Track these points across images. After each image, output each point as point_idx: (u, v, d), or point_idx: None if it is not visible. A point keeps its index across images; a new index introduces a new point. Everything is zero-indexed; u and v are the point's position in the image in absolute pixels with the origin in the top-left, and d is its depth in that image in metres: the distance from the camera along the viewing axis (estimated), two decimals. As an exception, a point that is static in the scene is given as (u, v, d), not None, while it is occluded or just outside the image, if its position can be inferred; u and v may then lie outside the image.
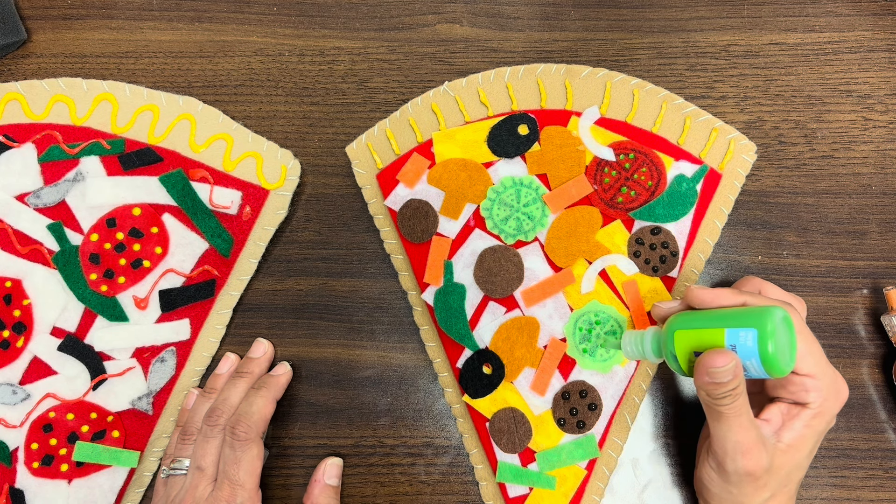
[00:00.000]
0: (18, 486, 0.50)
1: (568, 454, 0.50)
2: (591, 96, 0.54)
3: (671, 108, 0.54)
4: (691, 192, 0.52)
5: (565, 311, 0.52)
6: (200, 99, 0.55)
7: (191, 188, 0.53)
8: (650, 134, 0.54)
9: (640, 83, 0.54)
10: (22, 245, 0.52)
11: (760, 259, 0.55)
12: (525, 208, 0.52)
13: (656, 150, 0.53)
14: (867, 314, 0.54)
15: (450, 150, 0.53)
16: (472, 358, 0.51)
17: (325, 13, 0.58)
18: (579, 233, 0.52)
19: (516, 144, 0.53)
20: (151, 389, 0.52)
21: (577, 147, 0.53)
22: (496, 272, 0.51)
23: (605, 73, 0.54)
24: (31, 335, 0.51)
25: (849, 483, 0.52)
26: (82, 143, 0.53)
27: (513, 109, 0.54)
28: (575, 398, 0.50)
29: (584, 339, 0.51)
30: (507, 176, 0.53)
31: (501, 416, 0.50)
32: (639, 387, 0.52)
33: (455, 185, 0.53)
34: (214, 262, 0.53)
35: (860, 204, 0.55)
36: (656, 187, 0.52)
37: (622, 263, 0.52)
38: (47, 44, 0.57)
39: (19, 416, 0.51)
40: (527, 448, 0.50)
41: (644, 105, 0.54)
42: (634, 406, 0.52)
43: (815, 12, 0.58)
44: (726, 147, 0.54)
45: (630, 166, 0.53)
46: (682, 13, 0.58)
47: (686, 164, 0.53)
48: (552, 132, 0.53)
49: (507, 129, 0.53)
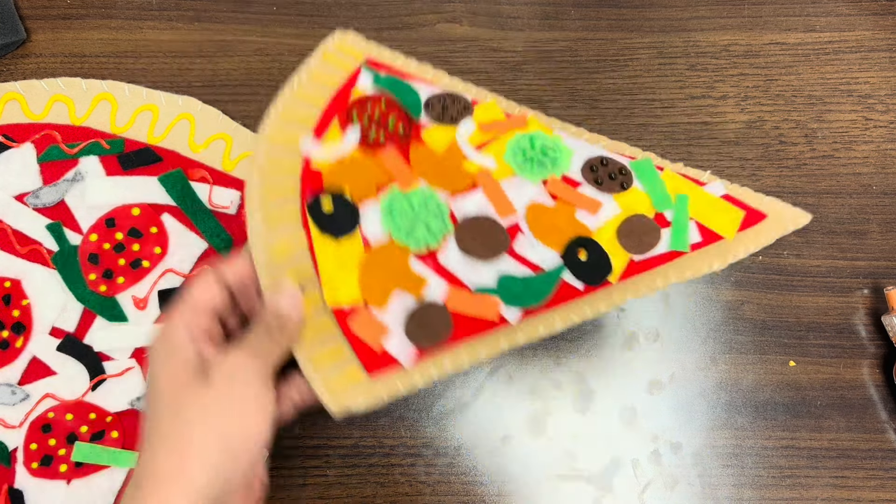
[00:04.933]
0: (17, 486, 0.50)
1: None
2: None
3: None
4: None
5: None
6: (200, 98, 0.55)
7: (190, 188, 0.53)
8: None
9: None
10: (21, 245, 0.52)
11: (761, 259, 0.55)
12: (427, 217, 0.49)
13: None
14: (868, 314, 0.54)
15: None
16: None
17: (325, 13, 0.58)
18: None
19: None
20: (151, 390, 0.52)
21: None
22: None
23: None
24: (30, 335, 0.51)
25: (849, 483, 0.52)
26: (81, 143, 0.53)
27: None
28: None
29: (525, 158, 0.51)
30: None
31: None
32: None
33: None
34: (214, 261, 0.53)
35: (861, 204, 0.55)
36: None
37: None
38: (46, 43, 0.57)
39: (18, 417, 0.51)
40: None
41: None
42: None
43: (816, 12, 0.58)
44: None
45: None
46: (682, 13, 0.58)
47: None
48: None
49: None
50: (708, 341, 0.54)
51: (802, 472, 0.52)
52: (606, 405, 0.53)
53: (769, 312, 0.54)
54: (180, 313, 0.40)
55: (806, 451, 0.52)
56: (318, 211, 0.47)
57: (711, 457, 0.52)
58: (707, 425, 0.53)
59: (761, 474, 0.52)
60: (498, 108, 0.53)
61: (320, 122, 0.50)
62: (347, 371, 0.45)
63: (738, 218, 0.51)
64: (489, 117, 0.52)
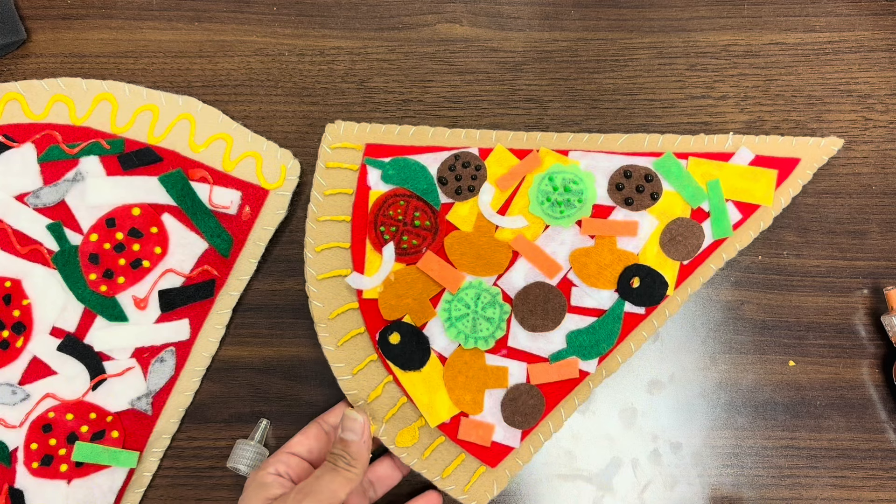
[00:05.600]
0: (18, 486, 0.50)
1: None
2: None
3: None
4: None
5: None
6: (200, 99, 0.55)
7: (190, 188, 0.53)
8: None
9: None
10: (21, 245, 0.52)
11: (760, 259, 0.55)
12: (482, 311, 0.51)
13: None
14: (867, 314, 0.54)
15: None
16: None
17: (325, 13, 0.58)
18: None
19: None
20: (151, 390, 0.52)
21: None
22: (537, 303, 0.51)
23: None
24: (31, 335, 0.51)
25: (849, 483, 0.52)
26: (82, 143, 0.53)
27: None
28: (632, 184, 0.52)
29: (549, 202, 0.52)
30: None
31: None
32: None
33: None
34: (214, 262, 0.53)
35: (860, 204, 0.55)
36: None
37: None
38: (47, 44, 0.57)
39: (19, 417, 0.51)
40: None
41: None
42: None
43: (816, 12, 0.58)
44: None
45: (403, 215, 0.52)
46: (682, 13, 0.58)
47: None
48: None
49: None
50: (708, 341, 0.54)
51: (802, 472, 0.52)
52: (606, 405, 0.53)
53: (769, 312, 0.54)
54: (276, 454, 0.47)
55: (806, 451, 0.52)
56: (389, 346, 0.51)
57: (711, 457, 0.52)
58: (707, 425, 0.53)
59: (761, 474, 0.52)
60: (507, 152, 0.53)
61: (354, 250, 0.52)
62: (473, 471, 0.50)
63: (772, 180, 0.52)
64: (502, 167, 0.53)
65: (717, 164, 0.53)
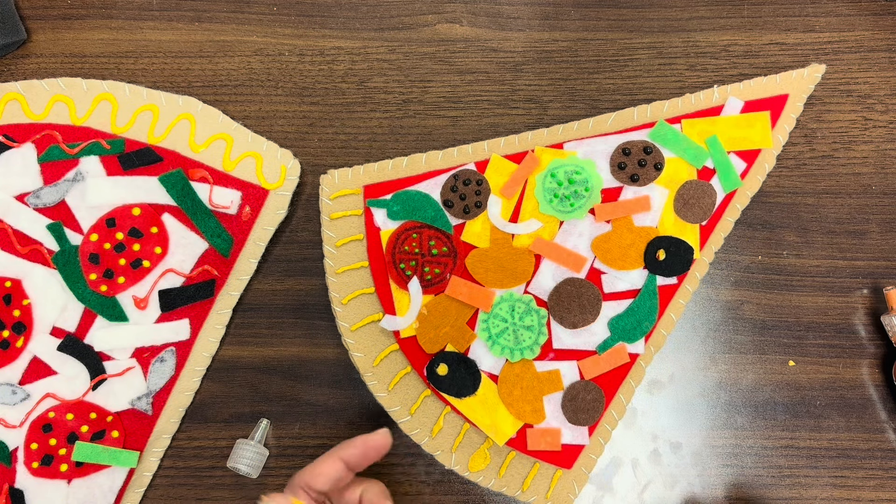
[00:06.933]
0: (18, 486, 0.50)
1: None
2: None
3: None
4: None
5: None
6: (200, 99, 0.55)
7: (190, 188, 0.53)
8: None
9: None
10: (22, 245, 0.52)
11: (760, 259, 0.55)
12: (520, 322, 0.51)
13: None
14: (867, 314, 0.54)
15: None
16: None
17: (325, 13, 0.58)
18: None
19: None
20: (151, 389, 0.52)
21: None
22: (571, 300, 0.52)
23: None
24: (31, 335, 0.51)
25: (849, 483, 0.52)
26: (82, 143, 0.53)
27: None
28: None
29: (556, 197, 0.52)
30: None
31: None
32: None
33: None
34: (214, 262, 0.53)
35: (860, 204, 0.55)
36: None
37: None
38: (47, 44, 0.57)
39: (19, 416, 0.51)
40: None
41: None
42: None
43: (815, 12, 0.58)
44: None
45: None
46: (682, 13, 0.58)
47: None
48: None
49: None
50: (707, 341, 0.54)
51: (802, 472, 0.52)
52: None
53: (769, 312, 0.54)
54: (299, 475, 0.46)
55: (805, 450, 0.52)
56: (439, 378, 0.51)
57: (711, 457, 0.52)
58: (707, 425, 0.53)
59: (761, 474, 0.52)
60: (503, 160, 0.54)
61: (380, 293, 0.52)
62: (550, 477, 0.50)
63: (767, 121, 0.53)
64: (503, 175, 0.53)
65: (710, 121, 0.53)
